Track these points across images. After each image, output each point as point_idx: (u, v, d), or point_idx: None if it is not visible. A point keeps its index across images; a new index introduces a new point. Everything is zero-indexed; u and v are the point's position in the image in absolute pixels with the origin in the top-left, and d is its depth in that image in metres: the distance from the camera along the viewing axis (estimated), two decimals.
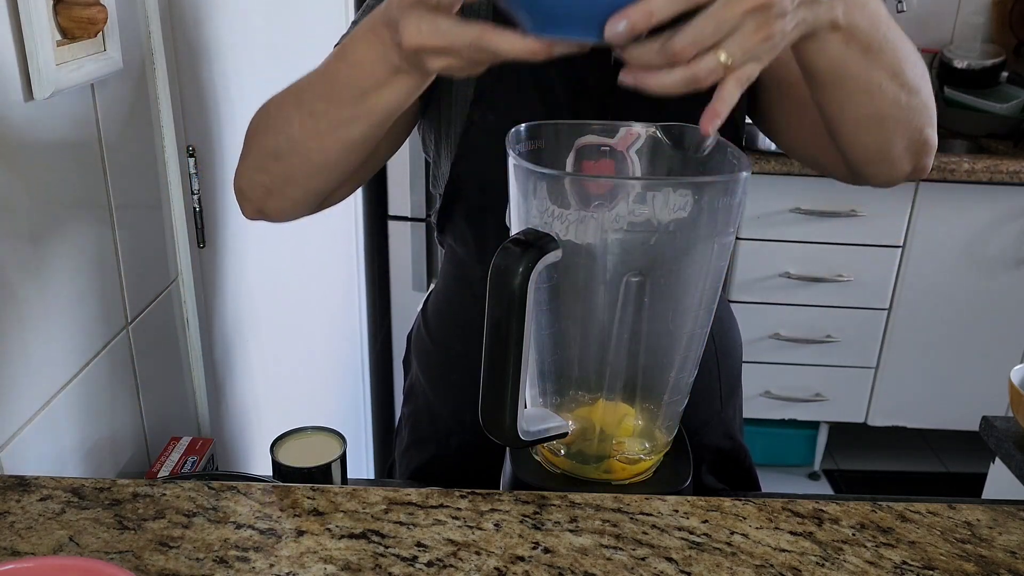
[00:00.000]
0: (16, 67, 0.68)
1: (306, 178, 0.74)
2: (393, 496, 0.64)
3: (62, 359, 0.76)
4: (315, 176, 0.74)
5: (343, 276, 1.94)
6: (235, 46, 1.14)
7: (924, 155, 0.75)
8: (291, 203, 0.77)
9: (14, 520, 0.60)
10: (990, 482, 1.01)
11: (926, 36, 2.69)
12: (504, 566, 0.57)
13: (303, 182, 0.74)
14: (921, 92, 0.70)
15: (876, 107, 0.68)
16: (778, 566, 0.58)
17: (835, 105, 0.69)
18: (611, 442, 0.69)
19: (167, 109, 0.93)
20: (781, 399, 2.53)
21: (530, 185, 0.62)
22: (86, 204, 0.79)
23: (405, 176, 2.11)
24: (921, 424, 2.57)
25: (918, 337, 2.44)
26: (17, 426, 0.70)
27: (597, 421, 0.68)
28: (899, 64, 0.67)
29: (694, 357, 0.69)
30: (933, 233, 2.32)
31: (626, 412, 0.70)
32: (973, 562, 0.59)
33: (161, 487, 0.64)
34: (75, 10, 0.72)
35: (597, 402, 0.69)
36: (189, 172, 0.98)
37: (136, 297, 0.88)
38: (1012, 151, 2.42)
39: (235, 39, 1.14)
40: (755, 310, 2.43)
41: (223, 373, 1.14)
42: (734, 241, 0.66)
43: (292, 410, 1.51)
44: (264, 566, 0.56)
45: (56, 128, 0.74)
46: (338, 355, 1.94)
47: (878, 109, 0.68)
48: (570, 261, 0.62)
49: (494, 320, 0.60)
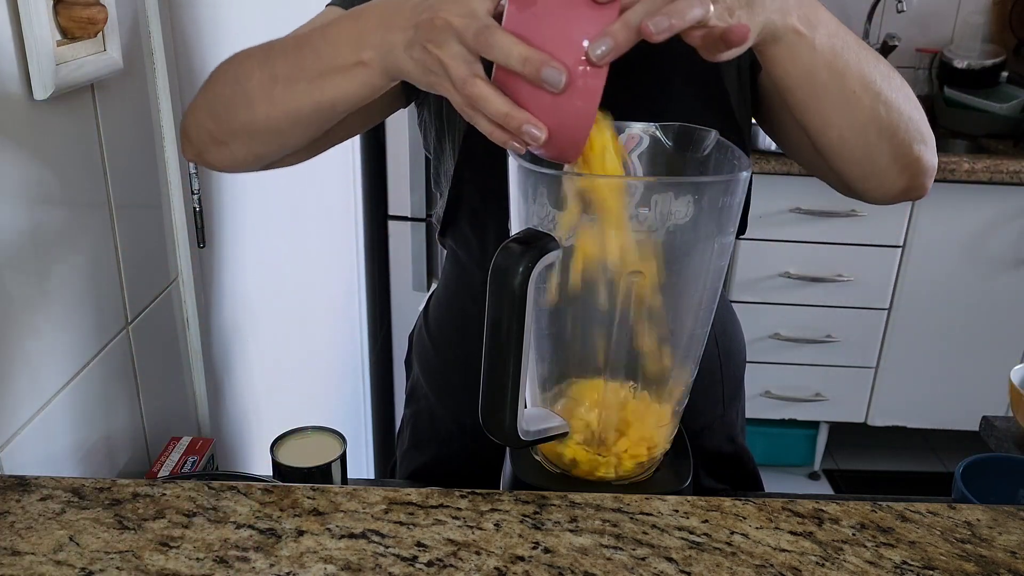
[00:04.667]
0: (16, 67, 0.68)
1: (249, 138, 0.73)
2: (393, 496, 0.64)
3: (62, 359, 0.76)
4: (258, 138, 0.73)
5: (343, 276, 1.94)
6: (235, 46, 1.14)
7: (920, 175, 0.76)
8: (230, 158, 0.76)
9: (14, 520, 0.60)
10: None
11: (926, 36, 2.69)
12: (504, 566, 0.57)
13: (246, 141, 0.73)
14: (903, 110, 0.72)
15: (854, 118, 0.70)
16: (778, 566, 0.58)
17: (815, 119, 0.71)
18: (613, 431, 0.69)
19: (167, 109, 0.93)
20: (781, 399, 2.53)
21: (530, 186, 0.62)
22: (86, 204, 0.79)
23: (405, 176, 2.11)
24: (921, 424, 2.57)
25: (918, 337, 2.44)
26: (17, 426, 0.70)
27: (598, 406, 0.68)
28: (870, 76, 0.69)
29: (694, 357, 0.69)
30: (933, 233, 2.32)
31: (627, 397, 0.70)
32: (973, 562, 0.59)
33: (161, 487, 0.64)
34: (75, 10, 0.72)
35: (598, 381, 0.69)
36: (189, 172, 0.98)
37: (136, 297, 0.88)
38: (1012, 151, 2.42)
39: (235, 39, 1.14)
40: (755, 310, 2.43)
41: (223, 373, 1.14)
42: (734, 241, 0.66)
43: (292, 410, 1.51)
44: (264, 566, 0.56)
45: (56, 128, 0.74)
46: (338, 355, 1.94)
47: (856, 120, 0.70)
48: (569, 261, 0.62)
49: (494, 320, 0.60)
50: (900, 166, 0.74)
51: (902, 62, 2.70)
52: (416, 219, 2.15)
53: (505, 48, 0.55)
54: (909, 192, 0.78)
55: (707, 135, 0.70)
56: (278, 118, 0.70)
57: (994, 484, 0.77)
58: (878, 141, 0.72)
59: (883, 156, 0.73)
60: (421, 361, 1.00)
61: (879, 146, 0.72)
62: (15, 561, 0.56)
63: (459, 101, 0.59)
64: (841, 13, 2.62)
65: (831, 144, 0.73)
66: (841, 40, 0.68)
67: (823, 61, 0.66)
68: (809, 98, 0.69)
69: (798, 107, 0.70)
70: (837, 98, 0.69)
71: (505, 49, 0.55)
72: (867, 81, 0.69)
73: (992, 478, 0.78)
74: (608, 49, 0.55)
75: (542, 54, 0.55)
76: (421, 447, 1.00)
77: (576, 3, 0.56)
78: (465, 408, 0.83)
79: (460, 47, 0.57)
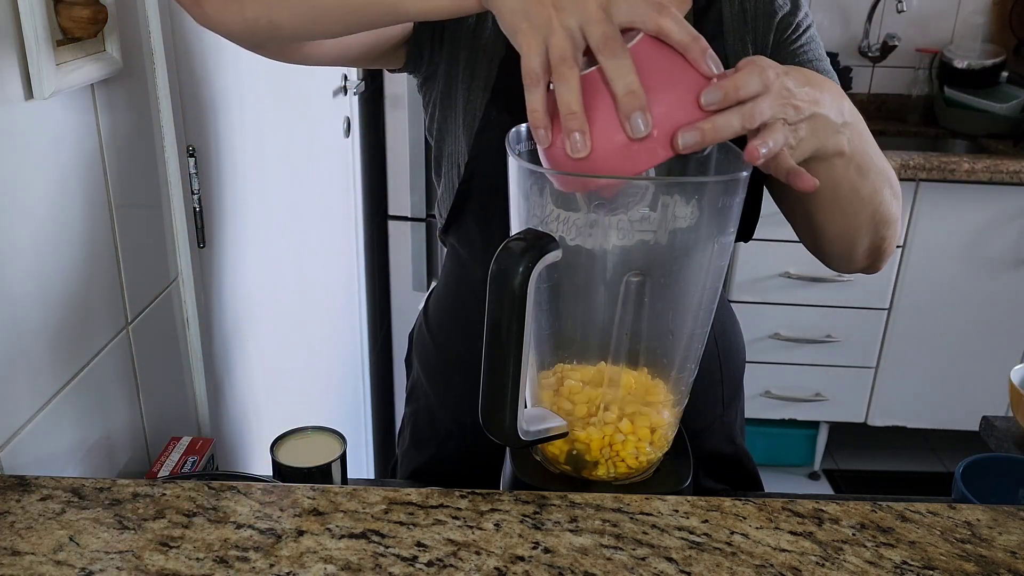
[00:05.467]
0: (16, 67, 0.68)
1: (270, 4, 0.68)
2: (393, 496, 0.64)
3: (62, 359, 0.76)
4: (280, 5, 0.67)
5: (343, 276, 1.94)
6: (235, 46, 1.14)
7: (880, 259, 0.82)
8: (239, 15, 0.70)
9: (14, 520, 0.60)
10: None
11: (926, 36, 2.69)
12: (504, 566, 0.57)
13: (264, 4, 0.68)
14: (893, 206, 0.76)
15: (857, 220, 0.75)
16: (778, 566, 0.58)
17: (825, 215, 0.75)
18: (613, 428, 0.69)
19: (167, 109, 0.93)
20: (781, 399, 2.53)
21: (530, 186, 0.62)
22: (86, 204, 0.79)
23: (405, 176, 2.11)
24: (921, 424, 2.57)
25: (918, 337, 2.44)
26: (17, 426, 0.70)
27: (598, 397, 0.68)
28: (882, 181, 0.73)
29: (694, 357, 0.69)
30: (933, 233, 2.32)
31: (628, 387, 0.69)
32: (973, 562, 0.59)
33: (161, 487, 0.64)
34: (75, 10, 0.72)
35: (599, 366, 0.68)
36: (189, 172, 0.98)
37: (136, 297, 0.88)
38: (1012, 151, 2.42)
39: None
40: (755, 310, 2.43)
41: (223, 373, 1.14)
42: (734, 241, 0.66)
43: (292, 410, 1.51)
44: (264, 566, 0.56)
45: (56, 128, 0.74)
46: (338, 355, 1.94)
47: (857, 221, 0.75)
48: (570, 261, 0.62)
49: (494, 320, 0.60)
50: (870, 252, 0.80)
51: (902, 62, 2.70)
52: (416, 219, 2.15)
53: (622, 67, 0.54)
54: (866, 270, 0.84)
55: None
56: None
57: (994, 484, 0.77)
58: (865, 233, 0.77)
59: (862, 246, 0.79)
60: (421, 359, 1.00)
61: (864, 239, 0.78)
62: (15, 561, 0.56)
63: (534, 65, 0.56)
64: (841, 13, 2.62)
65: (825, 232, 0.78)
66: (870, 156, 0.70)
67: (850, 175, 0.69)
68: (828, 202, 0.72)
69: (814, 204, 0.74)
70: (851, 202, 0.72)
71: (622, 68, 0.54)
72: (877, 188, 0.72)
73: (992, 478, 0.78)
74: (693, 143, 0.55)
75: (645, 99, 0.54)
76: (421, 446, 1.00)
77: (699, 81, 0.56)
78: (464, 405, 0.83)
79: (577, 26, 0.55)
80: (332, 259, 1.85)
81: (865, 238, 0.77)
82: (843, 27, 2.66)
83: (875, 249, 0.80)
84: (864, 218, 0.74)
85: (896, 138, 2.63)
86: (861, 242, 0.78)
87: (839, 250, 0.80)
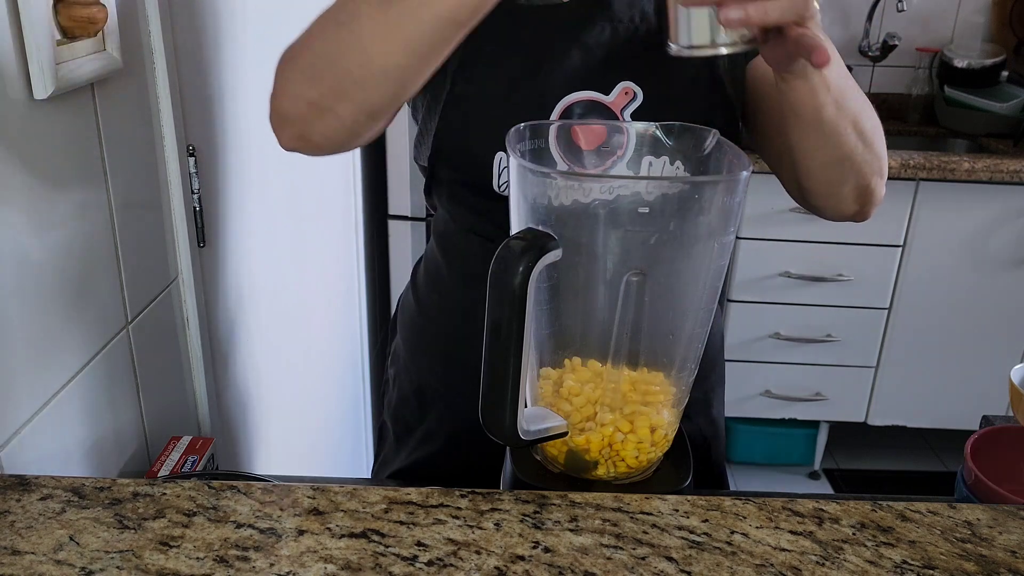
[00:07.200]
0: (16, 67, 0.68)
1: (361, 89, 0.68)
2: (393, 496, 0.64)
3: (62, 358, 0.76)
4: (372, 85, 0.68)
5: (343, 276, 1.94)
6: (235, 46, 1.14)
7: (868, 203, 0.83)
8: (337, 125, 0.71)
9: (14, 520, 0.60)
10: None
11: (926, 36, 2.69)
12: (504, 565, 0.57)
13: (358, 95, 0.68)
14: (875, 144, 0.78)
15: (839, 151, 0.76)
16: (778, 565, 0.58)
17: (808, 144, 0.76)
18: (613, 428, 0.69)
19: (167, 109, 0.93)
20: (781, 399, 2.53)
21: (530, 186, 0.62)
22: (86, 204, 0.79)
23: (405, 176, 2.11)
24: (921, 424, 2.57)
25: (918, 337, 2.44)
26: (17, 426, 0.70)
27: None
28: (859, 116, 0.75)
29: (694, 356, 0.69)
30: (933, 233, 2.32)
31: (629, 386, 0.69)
32: (973, 562, 0.59)
33: (161, 486, 0.64)
34: (75, 9, 0.72)
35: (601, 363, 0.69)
36: (189, 172, 0.98)
37: (136, 297, 0.88)
38: (1012, 151, 2.42)
39: (235, 39, 1.14)
40: (755, 310, 2.43)
41: (223, 373, 1.14)
42: (734, 240, 0.66)
43: (292, 409, 1.51)
44: (264, 565, 0.56)
45: (56, 127, 0.74)
46: (338, 355, 1.94)
47: (840, 153, 0.76)
48: (570, 260, 0.62)
49: (494, 320, 0.60)
50: (857, 194, 0.81)
51: (902, 62, 2.70)
52: (416, 219, 2.15)
53: None
54: (856, 216, 0.85)
55: (707, 135, 0.70)
56: (395, 51, 0.65)
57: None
58: (849, 173, 0.78)
59: (847, 185, 0.80)
60: (403, 322, 1.04)
61: (848, 177, 0.79)
62: (15, 561, 0.56)
63: None
64: (841, 13, 2.62)
65: (808, 167, 0.79)
66: (845, 78, 0.73)
67: (832, 100, 0.71)
68: (809, 127, 0.74)
69: (794, 132, 0.75)
70: (831, 134, 0.74)
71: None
72: (857, 120, 0.74)
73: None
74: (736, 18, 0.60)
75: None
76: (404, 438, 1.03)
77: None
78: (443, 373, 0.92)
79: None
80: (332, 259, 1.85)
81: (850, 174, 0.78)
82: (843, 26, 2.66)
83: (863, 190, 0.80)
84: (847, 149, 0.75)
85: (896, 137, 2.63)
86: (846, 178, 0.79)
87: (824, 187, 0.81)
